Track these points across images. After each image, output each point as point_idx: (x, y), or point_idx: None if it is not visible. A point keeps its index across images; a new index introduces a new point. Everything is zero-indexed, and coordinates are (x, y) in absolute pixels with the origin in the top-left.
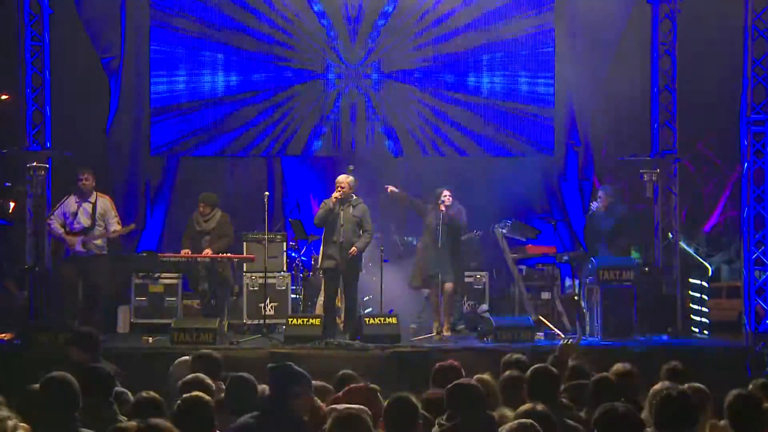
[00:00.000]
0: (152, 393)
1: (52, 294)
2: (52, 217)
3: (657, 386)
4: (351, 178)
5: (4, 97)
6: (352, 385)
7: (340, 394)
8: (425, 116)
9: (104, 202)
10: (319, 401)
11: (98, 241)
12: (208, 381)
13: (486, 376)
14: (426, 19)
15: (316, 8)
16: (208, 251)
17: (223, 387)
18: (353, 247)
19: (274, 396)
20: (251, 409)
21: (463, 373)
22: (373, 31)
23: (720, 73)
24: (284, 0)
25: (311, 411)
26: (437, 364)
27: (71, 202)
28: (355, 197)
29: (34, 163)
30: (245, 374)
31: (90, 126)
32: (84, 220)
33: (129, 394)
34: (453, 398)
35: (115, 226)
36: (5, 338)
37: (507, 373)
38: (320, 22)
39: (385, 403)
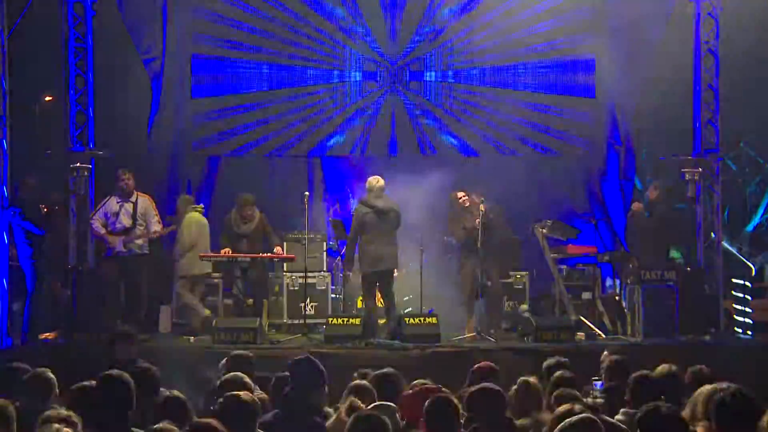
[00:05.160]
0: (176, 392)
1: (95, 294)
2: (93, 217)
3: (709, 387)
4: (372, 179)
5: (48, 98)
6: (425, 386)
7: (411, 392)
8: (465, 116)
9: (145, 202)
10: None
11: (139, 241)
12: (247, 379)
13: (531, 379)
14: (465, 18)
15: (358, 8)
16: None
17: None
18: None
19: (295, 390)
20: None
21: (500, 375)
22: (412, 31)
23: (762, 71)
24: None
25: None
26: (474, 366)
27: (112, 203)
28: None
29: (78, 164)
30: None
31: (132, 126)
32: (125, 220)
33: None
34: (473, 403)
35: (156, 227)
36: (49, 337)
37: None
38: (363, 22)
39: (426, 404)
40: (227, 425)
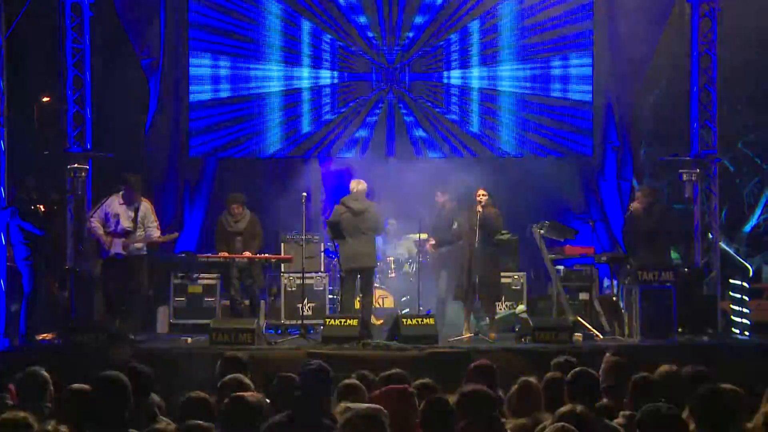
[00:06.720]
0: (201, 393)
1: (92, 295)
2: (92, 216)
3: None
4: (353, 182)
5: (45, 99)
6: (390, 387)
7: (377, 393)
8: (463, 117)
9: (145, 207)
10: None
11: (138, 245)
12: (247, 381)
13: (531, 379)
14: (463, 20)
15: (356, 8)
16: (247, 253)
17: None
18: None
19: (306, 395)
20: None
21: (498, 373)
22: (410, 32)
23: (760, 72)
24: (323, 2)
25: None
26: (472, 364)
27: (114, 204)
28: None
29: (75, 165)
30: (292, 374)
31: (129, 127)
32: (126, 223)
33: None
34: (462, 404)
35: (155, 232)
36: (47, 338)
37: (549, 374)
38: (361, 23)
39: (421, 405)
40: (232, 426)
